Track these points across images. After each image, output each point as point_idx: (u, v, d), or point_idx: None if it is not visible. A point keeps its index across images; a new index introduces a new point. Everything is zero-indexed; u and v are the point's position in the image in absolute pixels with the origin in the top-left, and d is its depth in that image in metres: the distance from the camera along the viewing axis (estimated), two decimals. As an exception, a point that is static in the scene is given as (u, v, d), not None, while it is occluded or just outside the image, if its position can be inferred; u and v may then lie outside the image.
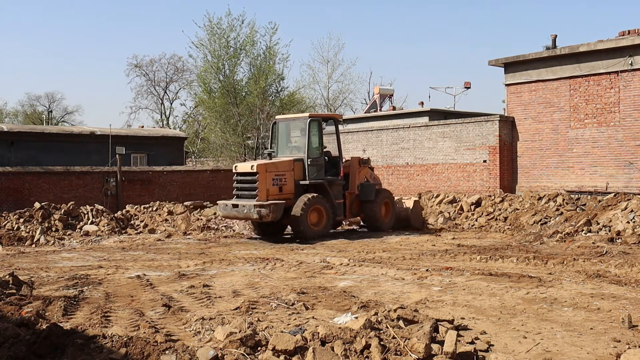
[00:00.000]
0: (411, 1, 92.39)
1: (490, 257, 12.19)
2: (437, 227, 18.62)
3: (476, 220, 19.05)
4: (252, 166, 16.26)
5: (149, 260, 12.83)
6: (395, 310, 6.28)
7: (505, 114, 22.47)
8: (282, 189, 16.21)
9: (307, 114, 17.01)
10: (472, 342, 5.94)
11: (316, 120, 16.99)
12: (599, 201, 17.19)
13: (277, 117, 18.63)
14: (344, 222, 18.78)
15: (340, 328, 5.44)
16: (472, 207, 19.80)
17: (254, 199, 16.00)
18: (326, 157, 17.27)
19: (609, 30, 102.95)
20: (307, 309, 7.61)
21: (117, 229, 18.53)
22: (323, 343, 5.22)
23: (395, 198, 19.04)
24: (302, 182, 16.38)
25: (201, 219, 20.26)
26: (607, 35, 42.04)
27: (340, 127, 30.20)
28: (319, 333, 5.34)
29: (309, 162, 16.48)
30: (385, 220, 17.94)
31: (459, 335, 5.72)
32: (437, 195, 21.51)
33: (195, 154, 46.71)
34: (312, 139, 16.73)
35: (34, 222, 17.98)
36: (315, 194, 16.17)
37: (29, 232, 17.11)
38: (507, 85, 22.14)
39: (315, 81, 52.49)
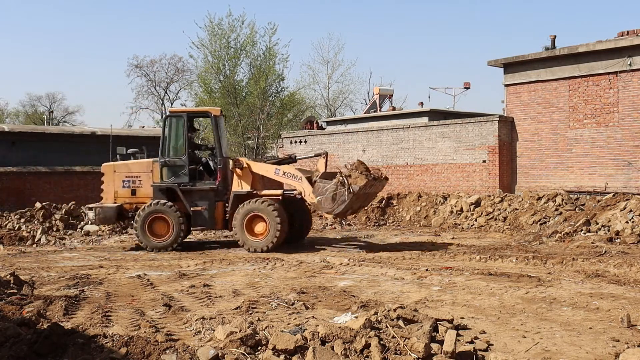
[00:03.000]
0: (411, 1, 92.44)
1: (489, 256, 12.21)
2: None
3: (475, 220, 19.06)
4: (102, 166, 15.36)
5: (150, 260, 12.86)
6: (395, 310, 6.30)
7: (505, 114, 22.49)
8: (135, 192, 14.88)
9: (170, 109, 15.92)
10: (471, 342, 5.96)
11: (177, 116, 14.87)
12: (598, 201, 17.20)
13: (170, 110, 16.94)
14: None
15: (340, 327, 5.46)
16: (472, 207, 19.82)
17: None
18: (204, 158, 15.32)
19: (608, 31, 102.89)
20: (307, 308, 7.64)
21: (117, 229, 18.55)
22: (323, 342, 5.24)
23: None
24: (158, 186, 14.63)
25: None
26: (606, 35, 42.07)
27: (341, 127, 30.38)
28: (319, 332, 5.36)
29: (161, 163, 14.62)
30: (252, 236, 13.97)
31: (458, 335, 5.74)
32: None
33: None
34: (170, 137, 14.75)
35: (35, 222, 18.02)
36: (161, 201, 14.34)
37: (30, 232, 17.14)
38: (506, 85, 22.16)
39: (315, 81, 52.55)
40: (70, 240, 17.04)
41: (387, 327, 5.68)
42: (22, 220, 17.98)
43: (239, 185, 14.42)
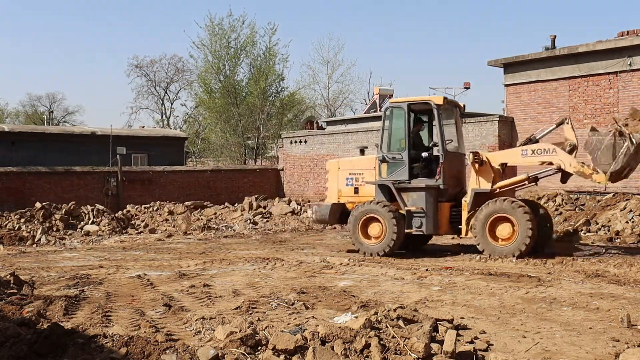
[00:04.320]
0: (411, 2, 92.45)
1: (489, 256, 12.20)
2: None
3: (476, 220, 19.04)
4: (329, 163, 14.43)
5: (150, 260, 12.86)
6: (395, 310, 6.30)
7: (505, 114, 22.48)
8: (358, 190, 13.68)
9: (390, 100, 13.92)
10: (471, 342, 5.96)
11: (397, 107, 13.32)
12: (598, 201, 17.22)
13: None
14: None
15: (340, 327, 5.46)
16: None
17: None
18: (425, 153, 13.37)
19: (608, 31, 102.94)
20: (307, 308, 7.64)
21: (117, 229, 18.56)
22: (323, 342, 5.24)
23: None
24: (377, 184, 13.28)
25: (201, 219, 20.30)
26: (606, 35, 42.05)
27: (341, 127, 30.40)
28: (319, 332, 5.36)
29: (379, 159, 13.27)
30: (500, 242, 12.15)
31: (458, 335, 5.74)
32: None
33: (195, 154, 46.75)
34: (389, 130, 13.39)
35: (35, 222, 18.02)
36: (375, 200, 13.05)
37: (30, 232, 17.14)
38: (506, 85, 22.16)
39: (315, 81, 52.60)
40: (70, 240, 17.04)
41: (387, 327, 5.68)
42: (22, 220, 17.97)
43: (478, 183, 12.60)
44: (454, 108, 13.81)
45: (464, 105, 14.29)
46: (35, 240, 16.63)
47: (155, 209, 21.08)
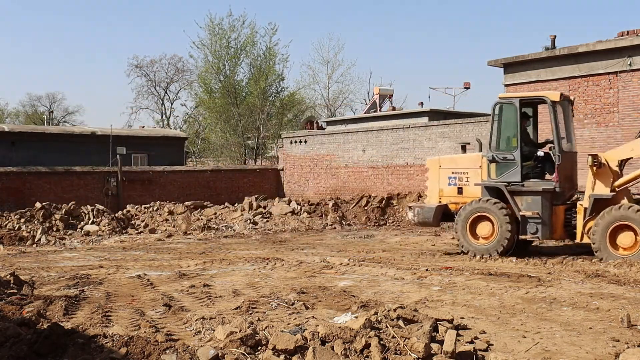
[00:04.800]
0: (411, 2, 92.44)
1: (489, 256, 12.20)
2: None
3: (476, 220, 19.04)
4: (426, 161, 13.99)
5: (150, 260, 12.86)
6: (395, 310, 6.30)
7: (505, 114, 22.46)
8: (462, 190, 12.97)
9: (500, 95, 12.99)
10: (471, 342, 5.96)
11: (507, 103, 12.52)
12: (599, 201, 17.15)
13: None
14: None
15: (340, 327, 5.46)
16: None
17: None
18: (541, 152, 12.70)
19: (608, 31, 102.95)
20: (307, 308, 7.64)
21: (117, 229, 18.57)
22: (323, 342, 5.24)
23: None
24: (485, 185, 12.59)
25: (201, 219, 20.30)
26: (606, 35, 42.04)
27: (341, 127, 30.42)
28: (319, 332, 5.36)
29: (488, 158, 12.49)
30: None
31: (458, 335, 5.74)
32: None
33: (195, 154, 46.75)
34: (499, 127, 12.55)
35: (35, 222, 18.02)
36: (487, 198, 12.35)
37: (30, 232, 17.15)
38: (506, 85, 22.14)
39: (315, 81, 52.51)
40: (70, 240, 17.05)
41: (387, 327, 5.68)
42: (22, 220, 17.98)
43: (594, 187, 11.73)
44: (568, 103, 12.98)
45: (574, 99, 13.52)
46: (35, 240, 16.64)
47: (155, 209, 21.08)
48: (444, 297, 8.36)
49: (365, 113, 33.91)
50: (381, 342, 5.24)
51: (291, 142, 27.77)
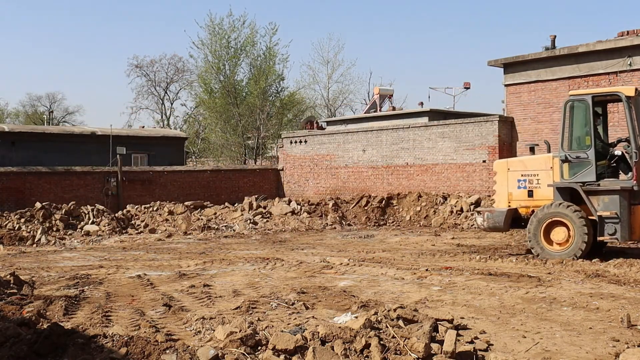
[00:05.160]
0: (411, 1, 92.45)
1: (489, 256, 12.22)
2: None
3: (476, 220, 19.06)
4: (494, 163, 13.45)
5: (150, 260, 12.86)
6: (395, 310, 6.30)
7: (505, 114, 22.49)
8: (532, 193, 12.44)
9: (570, 92, 12.60)
10: (471, 342, 5.96)
11: (579, 100, 12.03)
12: (599, 201, 17.15)
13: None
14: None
15: (340, 327, 5.46)
16: (472, 207, 19.83)
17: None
18: (618, 151, 12.13)
19: (608, 31, 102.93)
20: (307, 308, 7.64)
21: (117, 229, 18.57)
22: (323, 342, 5.24)
23: None
24: (558, 186, 12.02)
25: (201, 219, 20.30)
26: (606, 35, 42.06)
27: (341, 127, 30.40)
28: (319, 332, 5.36)
29: (560, 158, 11.96)
30: None
31: (458, 335, 5.74)
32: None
33: (195, 154, 46.75)
34: (571, 125, 12.04)
35: (35, 222, 18.02)
36: (562, 202, 11.79)
37: (30, 232, 17.15)
38: (506, 85, 22.16)
39: (315, 81, 52.63)
40: (70, 240, 17.05)
41: (387, 327, 5.68)
42: (22, 220, 17.98)
43: None
44: None
45: None
46: (35, 240, 16.64)
47: (155, 209, 21.08)
48: (444, 297, 8.36)
49: (365, 113, 33.88)
50: (381, 342, 5.24)
51: (291, 142, 27.77)
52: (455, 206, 20.27)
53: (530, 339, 6.21)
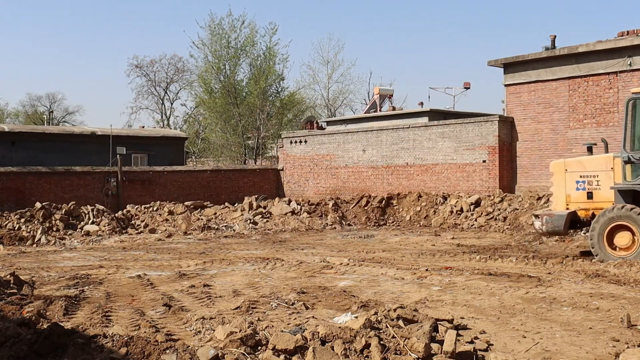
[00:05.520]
0: (411, 1, 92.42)
1: (489, 256, 12.21)
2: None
3: (475, 220, 19.08)
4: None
5: (150, 260, 12.86)
6: (395, 310, 6.30)
7: (505, 114, 22.49)
8: (592, 195, 11.95)
9: (633, 90, 11.88)
10: (471, 342, 5.96)
11: None
12: (599, 201, 17.16)
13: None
14: None
15: (340, 327, 5.46)
16: (472, 207, 19.84)
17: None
18: None
19: (608, 31, 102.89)
20: (307, 308, 7.64)
21: (117, 229, 18.57)
22: (323, 342, 5.24)
23: None
24: (620, 188, 11.49)
25: (201, 219, 20.30)
26: (606, 35, 42.04)
27: (341, 127, 30.38)
28: (319, 332, 5.36)
29: (623, 158, 11.38)
30: None
31: (458, 335, 5.74)
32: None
33: (195, 154, 46.75)
34: (634, 125, 11.40)
35: (35, 222, 18.02)
36: (626, 206, 11.18)
37: (30, 232, 17.14)
38: (506, 85, 22.16)
39: (315, 81, 52.58)
40: (70, 240, 17.05)
41: (387, 327, 5.68)
42: (22, 220, 17.97)
43: None
44: None
45: None
46: (35, 240, 16.64)
47: (155, 209, 21.08)
48: (444, 297, 8.36)
49: (365, 113, 33.87)
50: (381, 342, 5.24)
51: (291, 142, 27.77)
52: (455, 206, 20.28)
53: (530, 339, 6.21)
